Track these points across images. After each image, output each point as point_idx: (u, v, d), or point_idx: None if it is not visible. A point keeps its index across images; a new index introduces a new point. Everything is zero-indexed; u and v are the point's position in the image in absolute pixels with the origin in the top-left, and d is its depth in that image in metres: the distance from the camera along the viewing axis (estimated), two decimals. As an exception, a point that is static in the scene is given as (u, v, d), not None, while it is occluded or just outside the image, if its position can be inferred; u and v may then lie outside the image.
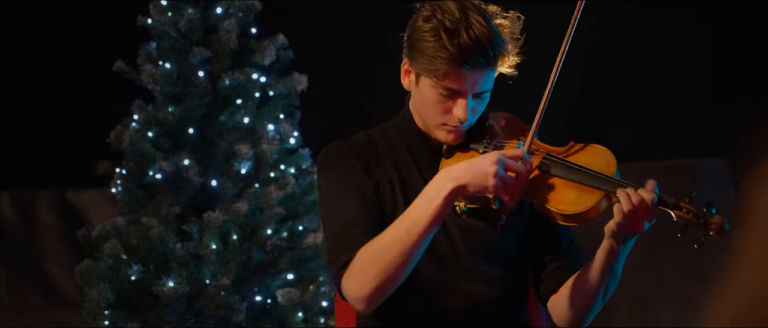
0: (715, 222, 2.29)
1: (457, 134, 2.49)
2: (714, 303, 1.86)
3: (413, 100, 2.54)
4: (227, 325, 4.26)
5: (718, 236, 2.29)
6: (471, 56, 2.37)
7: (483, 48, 2.37)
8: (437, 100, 2.44)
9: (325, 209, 2.53)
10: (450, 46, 2.36)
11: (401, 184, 2.53)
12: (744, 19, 5.15)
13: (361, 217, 2.46)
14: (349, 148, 2.56)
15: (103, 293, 4.22)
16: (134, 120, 4.39)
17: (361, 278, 2.37)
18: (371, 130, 2.62)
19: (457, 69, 2.38)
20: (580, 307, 2.49)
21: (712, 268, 5.23)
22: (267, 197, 4.32)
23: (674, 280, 5.23)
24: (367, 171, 2.53)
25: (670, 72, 5.24)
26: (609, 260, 2.40)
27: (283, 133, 4.45)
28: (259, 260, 4.34)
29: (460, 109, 2.43)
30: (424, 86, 2.45)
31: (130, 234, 4.29)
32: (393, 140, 2.58)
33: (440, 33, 2.37)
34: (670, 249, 5.15)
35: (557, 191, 2.39)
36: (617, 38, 5.18)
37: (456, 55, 2.37)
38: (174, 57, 4.40)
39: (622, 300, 5.16)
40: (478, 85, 2.42)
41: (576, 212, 2.35)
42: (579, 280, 2.48)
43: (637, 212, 2.30)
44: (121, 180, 4.42)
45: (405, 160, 2.55)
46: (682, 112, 5.21)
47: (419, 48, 2.41)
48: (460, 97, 2.43)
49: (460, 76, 2.39)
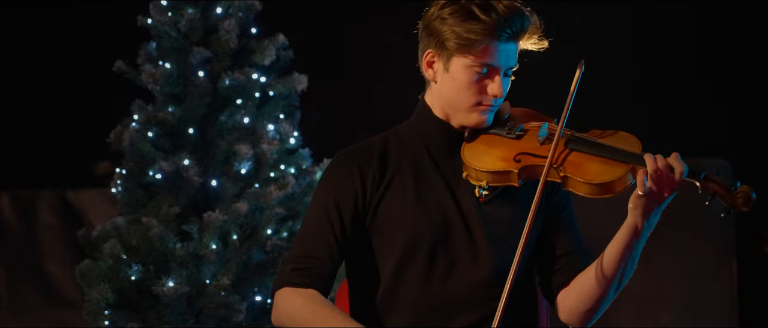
0: (743, 191, 2.32)
1: (487, 116, 2.51)
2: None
3: (439, 87, 2.53)
4: (227, 325, 4.26)
5: (745, 205, 2.32)
6: (506, 25, 2.42)
7: (515, 17, 2.43)
8: (471, 81, 2.46)
9: (308, 210, 2.56)
10: (485, 17, 2.41)
11: (415, 181, 2.53)
12: (744, 19, 5.16)
13: (333, 238, 2.49)
14: (356, 154, 2.56)
15: (103, 293, 4.22)
16: (134, 120, 4.39)
17: (284, 312, 2.49)
18: (387, 132, 2.62)
19: (493, 42, 2.43)
20: (594, 298, 2.48)
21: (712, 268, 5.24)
22: (267, 197, 4.32)
23: (674, 280, 5.23)
24: (373, 176, 2.52)
25: (670, 72, 5.25)
26: (630, 239, 2.40)
27: (283, 133, 4.45)
28: (259, 260, 4.34)
29: (496, 85, 2.47)
30: (457, 69, 2.47)
31: (130, 234, 4.29)
32: (408, 138, 2.58)
33: (472, 9, 2.42)
34: (670, 249, 5.15)
35: (584, 164, 2.41)
36: (617, 38, 5.18)
37: (491, 25, 2.41)
38: (174, 57, 4.40)
39: (622, 300, 5.16)
40: (510, 58, 2.47)
41: (603, 181, 2.37)
42: (595, 269, 2.47)
43: (661, 176, 2.32)
44: (121, 180, 4.42)
45: (422, 158, 2.55)
46: (681, 112, 5.21)
47: (448, 30, 2.44)
48: (495, 73, 2.46)
49: (496, 50, 2.44)
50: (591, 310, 2.50)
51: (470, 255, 2.49)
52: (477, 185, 2.45)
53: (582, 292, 2.49)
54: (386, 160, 2.55)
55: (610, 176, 2.37)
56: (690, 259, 5.21)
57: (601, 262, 2.45)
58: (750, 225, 5.12)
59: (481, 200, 2.48)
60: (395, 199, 2.52)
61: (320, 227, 2.51)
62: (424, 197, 2.51)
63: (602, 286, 2.46)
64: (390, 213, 2.51)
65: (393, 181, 2.53)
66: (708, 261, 5.18)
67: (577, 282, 2.51)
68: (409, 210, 2.50)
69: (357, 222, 2.52)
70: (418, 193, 2.51)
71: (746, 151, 5.17)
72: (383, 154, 2.56)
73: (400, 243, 2.50)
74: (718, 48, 5.20)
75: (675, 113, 5.21)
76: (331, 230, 2.50)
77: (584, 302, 2.50)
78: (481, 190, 2.45)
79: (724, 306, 5.21)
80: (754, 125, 5.19)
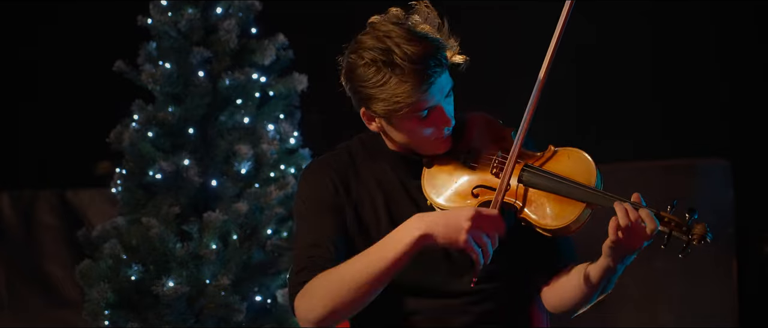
0: (697, 232, 2.26)
1: (447, 141, 2.48)
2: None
3: (389, 136, 2.49)
4: (227, 325, 4.26)
5: (699, 243, 2.26)
6: (426, 75, 2.34)
7: (429, 60, 2.34)
8: (417, 125, 2.42)
9: (296, 226, 2.53)
10: (403, 79, 2.33)
11: (385, 200, 2.51)
12: (744, 18, 5.15)
13: (327, 240, 2.45)
14: (329, 166, 2.54)
15: (103, 293, 4.22)
16: (134, 120, 4.39)
17: (310, 301, 2.38)
18: (352, 143, 2.60)
19: (423, 92, 2.35)
20: (569, 305, 2.50)
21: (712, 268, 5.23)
22: (267, 197, 4.32)
23: (674, 280, 5.23)
24: (346, 190, 2.51)
25: (669, 72, 5.24)
26: (603, 275, 2.39)
27: (283, 133, 4.45)
28: (259, 260, 4.34)
29: (442, 118, 2.41)
30: (399, 122, 2.42)
31: (130, 234, 4.29)
32: (374, 154, 2.56)
33: (385, 72, 2.34)
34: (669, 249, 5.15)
35: (539, 204, 2.38)
36: (617, 38, 5.18)
37: (411, 84, 2.34)
38: (174, 57, 4.40)
39: (622, 300, 5.16)
40: (445, 87, 2.40)
41: (559, 226, 2.35)
42: (573, 280, 2.47)
43: (631, 229, 2.27)
44: (121, 180, 4.42)
45: (388, 176, 2.53)
46: (682, 112, 5.21)
47: (373, 97, 2.38)
48: (437, 109, 2.40)
49: (427, 94, 2.36)
50: (570, 312, 2.53)
51: (445, 267, 2.50)
52: None
53: (561, 296, 2.52)
54: (356, 178, 2.53)
55: (566, 219, 2.34)
56: (690, 259, 5.20)
57: (578, 280, 2.45)
58: (750, 225, 5.12)
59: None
60: (367, 214, 2.51)
61: (312, 232, 2.48)
62: (394, 212, 2.49)
63: (579, 298, 2.47)
64: (364, 230, 2.50)
65: (362, 195, 2.52)
66: (708, 261, 5.18)
67: (557, 285, 2.53)
68: (382, 225, 2.48)
69: (343, 224, 2.50)
70: (388, 208, 2.51)
71: (746, 151, 5.17)
72: (352, 172, 2.54)
73: None
74: (718, 48, 5.20)
75: (675, 113, 5.21)
76: (324, 230, 2.47)
77: (562, 306, 2.52)
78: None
79: (724, 306, 5.21)
80: (754, 125, 5.19)
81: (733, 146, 5.19)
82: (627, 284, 5.10)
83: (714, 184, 5.12)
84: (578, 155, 2.42)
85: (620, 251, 2.32)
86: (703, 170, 5.21)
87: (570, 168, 2.40)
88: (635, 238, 2.28)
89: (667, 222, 2.27)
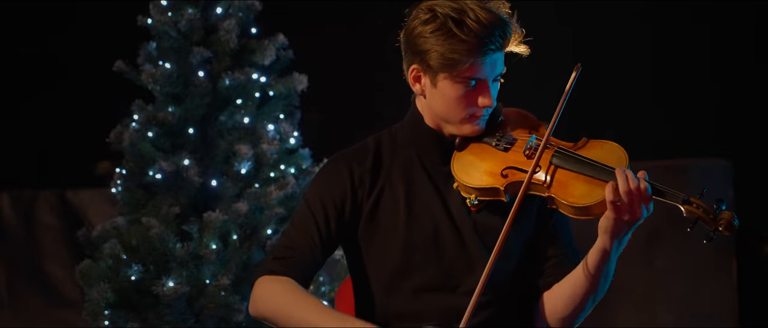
0: (725, 217, 2.32)
1: (483, 123, 2.51)
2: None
3: (428, 101, 2.52)
4: (227, 325, 4.26)
5: (727, 231, 2.32)
6: (487, 41, 2.41)
7: (495, 29, 2.41)
8: (461, 94, 2.46)
9: (297, 208, 2.59)
10: (466, 37, 2.39)
11: (406, 189, 2.53)
12: (745, 18, 5.16)
13: (315, 236, 2.51)
14: (349, 158, 2.57)
15: (103, 293, 4.22)
16: (134, 120, 4.39)
17: (262, 295, 2.49)
18: (381, 133, 2.62)
19: (479, 58, 2.41)
20: (570, 307, 2.50)
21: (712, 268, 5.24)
22: (267, 197, 4.32)
23: (674, 280, 5.23)
24: (364, 181, 2.53)
25: (669, 72, 5.25)
26: (599, 261, 2.41)
27: (283, 133, 4.45)
28: (259, 260, 4.34)
29: (486, 96, 2.46)
30: (445, 85, 2.46)
31: (130, 234, 4.29)
32: (401, 142, 2.58)
33: (451, 28, 2.40)
34: (669, 249, 5.15)
35: (568, 184, 2.42)
36: (617, 37, 5.18)
37: (473, 44, 2.40)
38: (174, 57, 4.40)
39: (622, 300, 5.16)
40: (496, 67, 2.46)
41: (586, 204, 2.38)
42: (572, 280, 2.48)
43: (632, 195, 2.31)
44: (121, 180, 4.42)
45: (413, 165, 2.56)
46: (682, 112, 5.21)
47: (432, 49, 2.43)
48: (483, 84, 2.45)
49: (482, 64, 2.42)
50: (568, 318, 2.53)
51: (463, 264, 2.50)
52: (466, 198, 2.47)
53: (561, 299, 2.52)
54: (378, 166, 2.56)
55: (593, 197, 2.37)
56: (690, 259, 5.21)
57: (575, 277, 2.47)
58: (750, 225, 5.13)
59: (473, 209, 2.50)
60: (386, 207, 2.52)
61: (305, 223, 2.53)
62: (415, 206, 2.51)
63: (577, 299, 2.48)
64: (382, 222, 2.52)
65: (384, 188, 2.54)
66: (708, 261, 5.18)
67: (559, 288, 2.53)
68: (400, 220, 2.50)
69: (343, 225, 2.53)
70: (408, 202, 2.52)
71: (746, 151, 5.17)
72: (375, 160, 2.56)
73: (392, 254, 2.51)
74: (718, 48, 5.20)
75: (675, 113, 5.21)
76: (316, 227, 2.51)
77: (562, 309, 2.52)
78: (472, 201, 2.47)
79: (724, 306, 5.22)
80: (754, 125, 5.19)
81: (733, 146, 5.19)
82: (627, 284, 5.11)
83: (714, 184, 5.13)
84: (611, 145, 2.49)
85: (616, 225, 2.35)
86: (703, 170, 5.21)
87: (601, 155, 2.45)
88: (631, 209, 2.33)
89: (696, 208, 2.33)
